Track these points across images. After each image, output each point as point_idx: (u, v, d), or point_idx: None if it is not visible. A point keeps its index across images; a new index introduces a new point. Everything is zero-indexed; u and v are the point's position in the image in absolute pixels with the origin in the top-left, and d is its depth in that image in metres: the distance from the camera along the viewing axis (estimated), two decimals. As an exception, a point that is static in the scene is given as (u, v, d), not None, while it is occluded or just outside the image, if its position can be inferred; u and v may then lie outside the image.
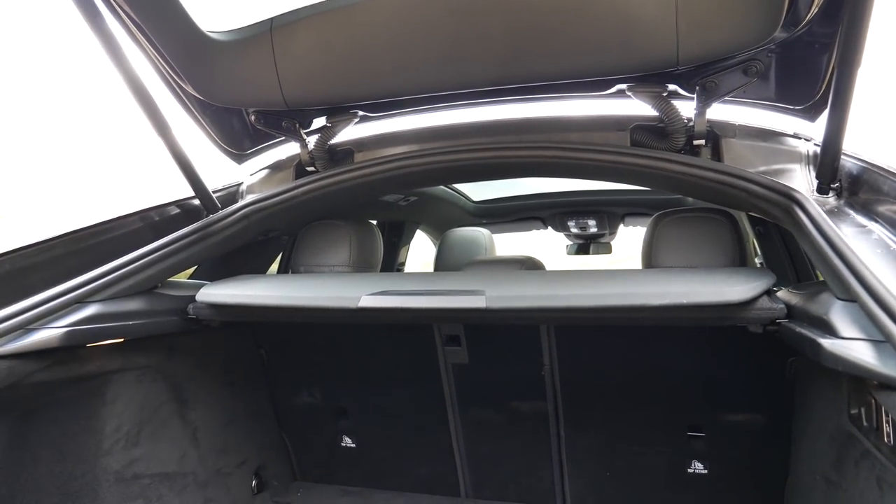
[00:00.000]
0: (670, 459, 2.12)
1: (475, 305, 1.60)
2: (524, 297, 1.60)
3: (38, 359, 1.60)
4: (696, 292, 1.48)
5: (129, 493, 1.87)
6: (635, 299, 1.50)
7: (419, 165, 2.05)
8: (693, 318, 1.57)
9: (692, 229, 1.93)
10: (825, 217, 1.43)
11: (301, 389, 2.45)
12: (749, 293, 1.46)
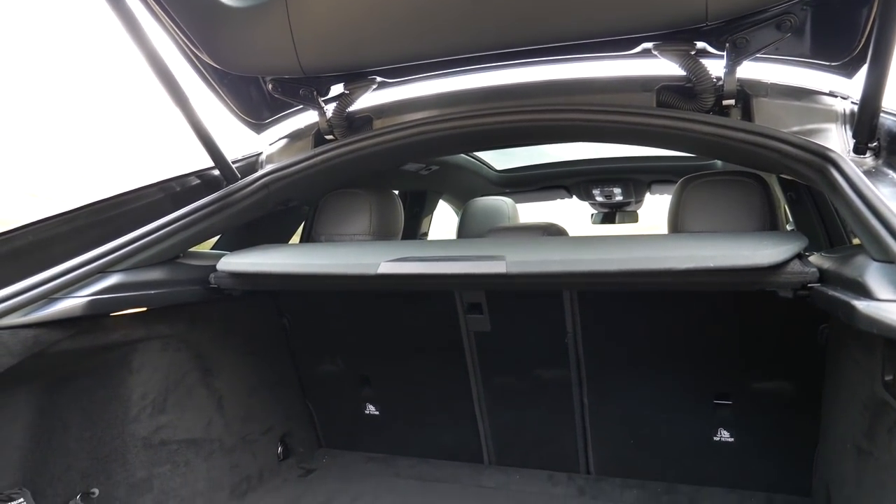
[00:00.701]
0: (696, 428, 2.09)
1: (496, 271, 1.58)
2: (545, 261, 1.57)
3: (62, 327, 1.61)
4: (723, 256, 1.43)
5: (156, 459, 1.90)
6: (660, 263, 1.46)
7: (438, 131, 2.01)
8: (721, 283, 1.52)
9: (720, 193, 1.87)
10: (862, 177, 1.38)
11: (324, 358, 2.46)
12: (779, 256, 1.41)
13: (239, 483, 2.18)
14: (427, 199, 3.80)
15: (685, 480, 2.13)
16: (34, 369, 1.72)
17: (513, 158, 4.14)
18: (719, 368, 2.01)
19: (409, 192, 3.73)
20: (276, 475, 2.34)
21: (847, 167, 1.43)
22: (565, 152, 4.12)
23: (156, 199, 2.07)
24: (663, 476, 2.16)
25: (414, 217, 3.77)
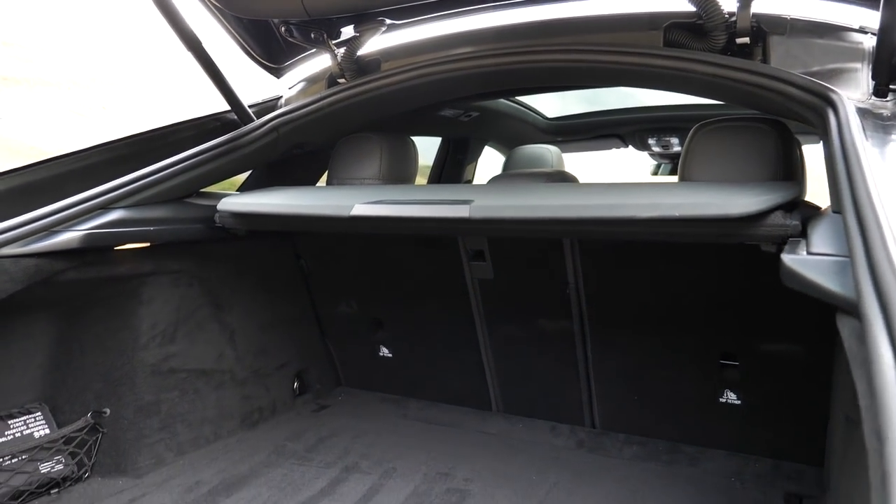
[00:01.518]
0: (701, 388, 2.00)
1: (458, 215, 1.55)
2: (506, 207, 1.53)
3: (64, 259, 1.73)
4: (691, 205, 1.34)
5: (164, 385, 2.02)
6: (622, 211, 1.39)
7: (439, 73, 1.98)
8: (694, 234, 1.43)
9: (729, 140, 1.74)
10: (855, 121, 1.24)
11: (340, 300, 2.52)
12: (755, 207, 1.30)
13: (250, 413, 2.29)
14: (470, 146, 3.75)
15: (688, 441, 2.07)
16: (48, 297, 1.85)
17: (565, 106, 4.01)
18: (726, 327, 1.91)
19: (451, 140, 3.69)
20: (290, 409, 2.44)
21: (844, 111, 1.29)
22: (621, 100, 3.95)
23: (172, 140, 2.15)
24: (666, 434, 2.10)
25: (457, 164, 3.74)
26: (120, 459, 1.94)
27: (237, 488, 1.86)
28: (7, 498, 1.73)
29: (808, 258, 0.98)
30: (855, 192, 0.93)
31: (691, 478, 1.87)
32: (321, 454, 2.08)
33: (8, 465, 1.76)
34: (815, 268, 0.95)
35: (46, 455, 1.84)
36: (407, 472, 1.94)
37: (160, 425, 2.01)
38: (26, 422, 1.86)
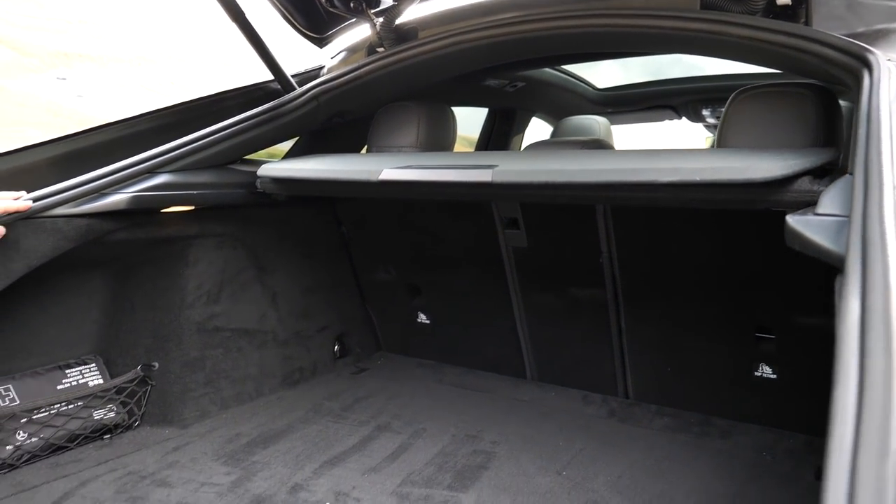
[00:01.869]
0: (736, 361, 1.97)
1: (481, 179, 1.56)
2: (527, 171, 1.53)
3: (114, 219, 1.83)
4: (713, 169, 1.32)
5: (209, 342, 2.12)
6: (642, 175, 1.37)
7: (474, 40, 1.99)
8: (717, 200, 1.40)
9: (767, 106, 1.69)
10: (886, 83, 1.19)
11: (379, 266, 2.57)
12: (779, 171, 1.27)
13: (291, 373, 2.38)
14: (516, 117, 3.73)
15: (721, 414, 2.04)
16: (102, 256, 1.97)
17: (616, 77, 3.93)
18: (762, 299, 1.87)
19: (497, 111, 3.68)
20: (330, 371, 2.53)
21: (878, 72, 1.24)
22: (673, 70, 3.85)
23: (216, 108, 2.23)
24: (698, 407, 2.08)
25: (503, 136, 3.73)
26: (167, 410, 2.06)
27: (274, 441, 1.95)
28: (64, 440, 1.86)
29: (811, 218, 0.96)
30: (868, 153, 0.90)
31: (721, 450, 1.85)
32: (356, 413, 2.15)
33: (65, 410, 1.89)
34: (816, 227, 0.93)
35: (100, 403, 1.97)
36: (436, 432, 1.99)
37: (205, 380, 2.11)
38: (82, 372, 1.99)
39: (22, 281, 1.68)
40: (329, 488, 1.67)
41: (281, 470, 1.77)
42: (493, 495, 1.63)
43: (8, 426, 1.77)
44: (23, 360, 1.91)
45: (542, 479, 1.71)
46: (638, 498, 1.61)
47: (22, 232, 1.64)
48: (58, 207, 1.70)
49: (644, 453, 1.85)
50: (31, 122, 11.37)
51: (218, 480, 1.72)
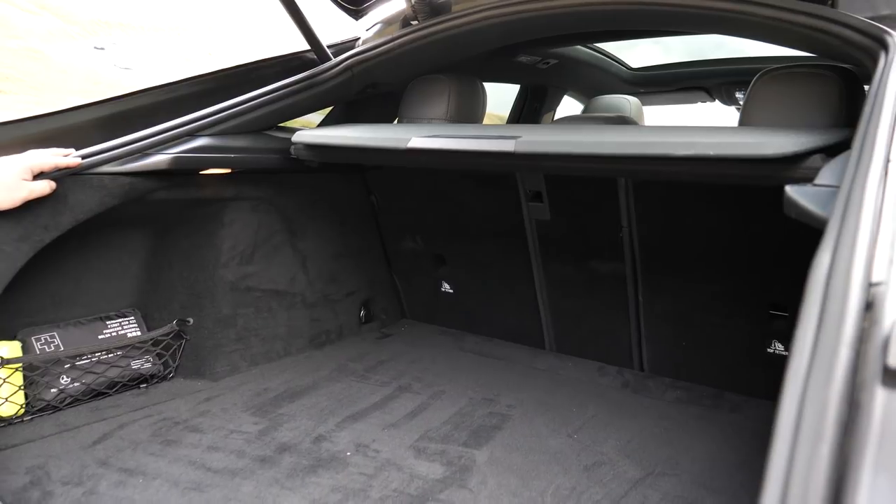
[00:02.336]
0: (749, 336, 2.01)
1: (504, 149, 1.62)
2: (549, 142, 1.58)
3: (155, 179, 1.92)
4: (727, 144, 1.35)
5: (242, 301, 2.22)
6: (658, 149, 1.41)
7: (505, 15, 2.03)
8: (732, 175, 1.44)
9: (789, 87, 1.71)
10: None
11: (406, 235, 2.65)
12: (791, 148, 1.30)
13: (318, 335, 2.48)
14: (548, 94, 3.75)
15: (733, 388, 2.09)
16: (143, 215, 2.07)
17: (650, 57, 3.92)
18: (777, 277, 1.90)
19: (529, 88, 3.71)
20: (355, 334, 2.62)
21: (894, 54, 1.26)
22: (708, 51, 3.82)
23: (254, 76, 2.30)
24: (711, 381, 2.13)
25: (534, 112, 3.75)
26: (200, 364, 2.17)
27: (299, 396, 2.04)
28: (103, 387, 1.98)
29: (807, 189, 1.00)
30: (867, 130, 0.94)
31: (730, 422, 1.90)
32: (378, 374, 2.24)
33: (105, 358, 2.01)
34: (811, 196, 0.97)
35: (137, 354, 2.08)
36: (454, 395, 2.07)
37: (236, 337, 2.21)
38: (121, 324, 2.10)
39: (68, 236, 1.78)
40: (350, 440, 1.76)
41: (305, 422, 1.87)
42: (505, 453, 1.70)
43: (53, 370, 1.89)
44: (67, 311, 2.03)
45: (554, 440, 1.78)
46: (645, 461, 1.67)
47: (70, 187, 1.74)
48: (104, 165, 1.80)
49: (654, 422, 1.90)
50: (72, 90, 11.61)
51: (246, 429, 1.82)
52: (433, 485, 1.55)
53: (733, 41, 3.09)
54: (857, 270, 0.62)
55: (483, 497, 1.50)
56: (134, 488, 1.51)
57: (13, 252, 1.67)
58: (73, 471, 1.57)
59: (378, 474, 1.59)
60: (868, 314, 0.58)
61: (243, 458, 1.66)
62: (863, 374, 0.53)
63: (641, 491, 1.54)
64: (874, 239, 0.68)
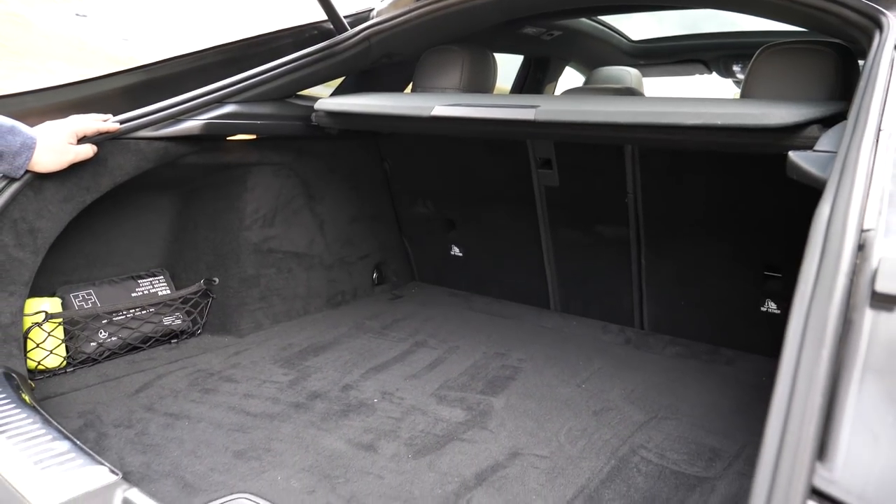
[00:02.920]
0: (744, 296, 2.15)
1: (525, 117, 1.73)
2: (567, 111, 1.69)
3: (186, 144, 2.02)
4: (733, 114, 1.47)
5: (264, 262, 2.34)
6: (669, 118, 1.53)
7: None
8: (736, 143, 1.56)
9: (789, 62, 1.82)
10: (892, 42, 1.32)
11: (417, 201, 2.76)
12: (792, 118, 1.42)
13: (335, 295, 2.60)
14: (551, 65, 3.83)
15: (729, 345, 2.23)
16: (174, 178, 2.17)
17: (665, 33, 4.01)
18: (771, 240, 2.03)
19: (532, 59, 3.79)
20: (368, 295, 2.75)
21: (887, 33, 1.37)
22: (706, 24, 3.91)
23: (276, 45, 2.39)
24: (708, 338, 2.27)
25: (537, 83, 3.84)
26: (226, 321, 2.29)
27: (323, 351, 2.17)
28: (138, 341, 2.10)
29: (809, 154, 1.12)
30: (862, 102, 1.06)
31: (725, 374, 2.05)
32: (395, 332, 2.37)
33: (139, 315, 2.12)
34: (812, 161, 1.09)
35: (168, 311, 2.20)
36: (468, 350, 2.21)
37: (259, 296, 2.33)
38: (152, 283, 2.21)
39: (100, 199, 1.88)
40: (376, 389, 1.90)
41: (332, 373, 2.00)
42: (520, 400, 1.84)
43: (92, 325, 2.00)
44: (100, 270, 2.14)
45: (564, 389, 1.92)
46: (648, 407, 1.82)
47: (110, 151, 1.84)
48: (140, 130, 1.89)
49: (656, 374, 2.05)
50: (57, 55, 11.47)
51: (277, 379, 1.95)
52: (456, 427, 1.69)
53: (726, 13, 3.18)
54: (851, 219, 0.75)
55: (503, 436, 1.64)
56: (181, 430, 1.64)
57: (58, 212, 1.77)
58: (122, 415, 1.70)
59: (405, 418, 1.73)
60: (860, 253, 0.71)
61: (278, 405, 1.79)
62: (855, 298, 0.66)
63: (646, 432, 1.68)
64: (866, 195, 0.80)
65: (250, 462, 1.50)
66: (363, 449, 1.57)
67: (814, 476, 0.57)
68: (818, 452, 0.58)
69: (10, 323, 1.68)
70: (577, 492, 1.42)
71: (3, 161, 1.57)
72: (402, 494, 1.40)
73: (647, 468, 1.53)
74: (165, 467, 1.47)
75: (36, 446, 1.21)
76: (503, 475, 1.48)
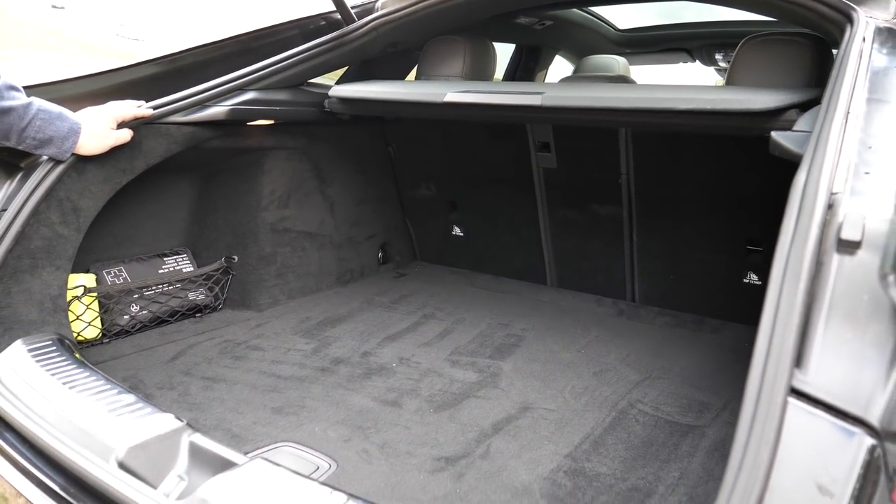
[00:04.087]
0: (728, 269, 2.34)
1: (532, 103, 1.89)
2: (571, 97, 1.85)
3: (211, 129, 2.15)
4: (721, 100, 1.64)
5: (280, 241, 2.48)
6: (665, 103, 1.70)
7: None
8: (723, 126, 1.73)
9: (770, 52, 1.99)
10: (861, 36, 1.48)
11: (420, 183, 2.92)
12: (773, 103, 1.59)
13: (344, 273, 2.76)
14: (542, 54, 3.99)
15: (714, 315, 2.42)
16: (195, 161, 2.30)
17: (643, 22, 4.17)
18: (753, 216, 2.22)
19: (525, 47, 3.94)
20: (374, 273, 2.90)
21: (859, 28, 1.54)
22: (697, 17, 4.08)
23: (288, 35, 2.52)
24: (695, 308, 2.46)
25: (528, 71, 3.99)
26: (245, 296, 2.43)
27: (339, 323, 2.33)
28: (167, 315, 2.24)
29: (788, 133, 1.29)
30: (833, 89, 1.23)
31: (711, 341, 2.24)
32: (403, 306, 2.53)
33: (167, 290, 2.26)
34: (791, 139, 1.27)
35: (192, 287, 2.34)
36: (474, 321, 2.38)
37: (276, 273, 2.48)
38: (176, 260, 2.35)
39: (127, 183, 2.00)
40: (393, 355, 2.06)
41: (350, 342, 2.16)
42: (526, 363, 2.02)
43: (125, 300, 2.14)
44: (128, 249, 2.27)
45: (565, 354, 2.10)
46: (643, 369, 2.00)
47: (144, 135, 1.97)
48: (171, 116, 2.02)
49: (648, 341, 2.23)
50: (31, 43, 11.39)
51: (301, 347, 2.11)
52: (470, 386, 1.86)
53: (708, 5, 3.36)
54: (822, 184, 0.92)
55: (513, 394, 1.81)
56: (220, 391, 1.79)
57: (98, 192, 1.90)
58: (163, 379, 1.84)
59: (423, 379, 1.89)
60: (830, 210, 0.88)
61: (305, 369, 1.94)
62: (825, 244, 0.83)
63: (642, 389, 1.87)
64: (835, 166, 0.98)
65: (288, 417, 1.66)
66: (388, 405, 1.74)
67: (793, 378, 0.75)
68: (796, 361, 0.75)
69: (59, 294, 1.82)
70: (584, 438, 1.60)
71: (53, 145, 1.70)
72: (428, 441, 1.56)
73: (644, 419, 1.71)
74: (212, 421, 1.62)
75: (106, 398, 1.36)
76: (517, 425, 1.65)
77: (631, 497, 1.38)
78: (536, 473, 1.45)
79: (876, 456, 0.70)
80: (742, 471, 0.73)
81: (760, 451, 0.73)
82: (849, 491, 0.69)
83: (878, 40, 1.50)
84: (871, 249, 0.81)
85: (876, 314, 0.76)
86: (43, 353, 1.54)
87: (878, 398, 0.72)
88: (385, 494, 1.36)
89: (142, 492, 1.11)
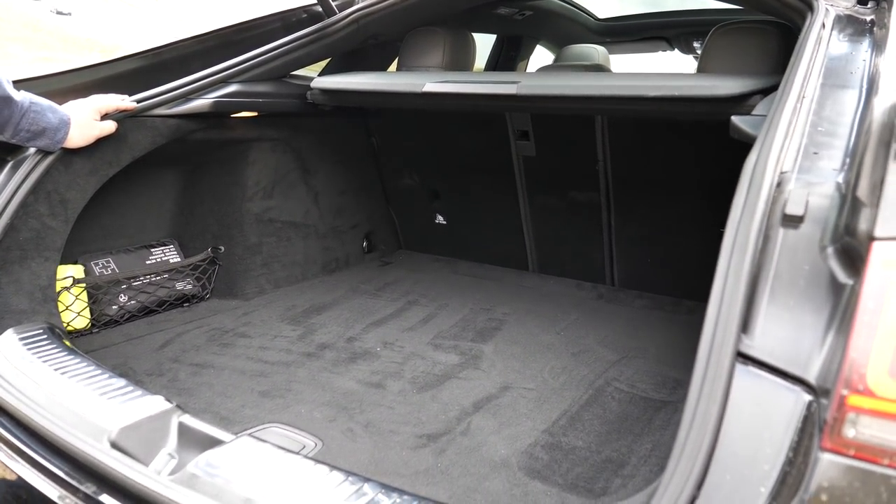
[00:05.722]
0: (703, 252, 2.40)
1: (507, 92, 1.94)
2: (545, 86, 1.91)
3: (195, 121, 2.18)
4: (689, 86, 1.70)
5: (265, 231, 2.52)
6: (634, 90, 1.76)
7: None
8: (691, 112, 1.79)
9: (739, 40, 2.05)
10: (819, 23, 1.54)
11: (403, 173, 2.96)
12: (738, 90, 1.66)
13: (329, 262, 2.80)
14: (522, 44, 4.04)
15: (689, 296, 2.49)
16: (181, 153, 2.34)
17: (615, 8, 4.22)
18: (726, 201, 2.28)
19: (505, 38, 3.99)
20: (360, 262, 2.95)
21: (817, 15, 1.60)
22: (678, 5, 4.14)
23: (270, 28, 2.55)
24: (671, 291, 2.53)
25: (510, 61, 4.04)
26: (232, 286, 2.48)
27: (324, 310, 2.38)
28: (155, 304, 2.28)
29: (746, 117, 1.36)
30: (790, 75, 1.29)
31: (686, 322, 2.31)
32: (388, 293, 2.58)
33: (155, 280, 2.30)
34: (748, 122, 1.33)
35: (180, 277, 2.38)
36: (457, 306, 2.43)
37: (262, 262, 2.52)
38: (163, 251, 2.39)
39: (114, 175, 2.04)
40: (377, 340, 2.12)
41: (335, 328, 2.21)
42: (507, 346, 2.08)
43: (113, 290, 2.18)
44: (115, 240, 2.30)
45: (545, 336, 2.16)
46: (619, 349, 2.07)
47: (128, 128, 2.00)
48: (155, 108, 2.06)
49: (625, 323, 2.30)
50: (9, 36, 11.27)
51: (287, 334, 2.16)
52: (452, 368, 1.92)
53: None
54: (771, 164, 0.98)
55: (494, 374, 1.87)
56: (209, 376, 1.84)
57: (85, 184, 1.93)
58: (153, 366, 1.89)
59: (406, 362, 1.95)
60: (778, 188, 0.94)
61: (291, 354, 1.99)
62: (772, 219, 0.89)
63: (618, 368, 1.93)
64: (785, 147, 1.04)
65: (275, 399, 1.71)
66: (373, 387, 1.79)
67: (740, 343, 0.81)
68: (743, 326, 0.82)
69: (48, 285, 1.86)
70: (561, 414, 1.66)
71: (45, 136, 1.73)
72: (411, 420, 1.62)
73: (620, 395, 1.77)
74: (201, 405, 1.67)
75: (97, 382, 1.40)
76: (497, 403, 1.71)
77: (605, 468, 1.45)
78: (515, 448, 1.51)
79: (812, 410, 0.77)
80: (693, 427, 0.80)
81: (710, 409, 0.80)
82: (788, 442, 0.76)
83: (838, 27, 1.56)
84: (814, 223, 0.87)
85: (816, 283, 0.82)
86: (34, 341, 1.58)
87: (815, 359, 0.78)
88: (369, 470, 1.42)
89: (134, 469, 1.15)
